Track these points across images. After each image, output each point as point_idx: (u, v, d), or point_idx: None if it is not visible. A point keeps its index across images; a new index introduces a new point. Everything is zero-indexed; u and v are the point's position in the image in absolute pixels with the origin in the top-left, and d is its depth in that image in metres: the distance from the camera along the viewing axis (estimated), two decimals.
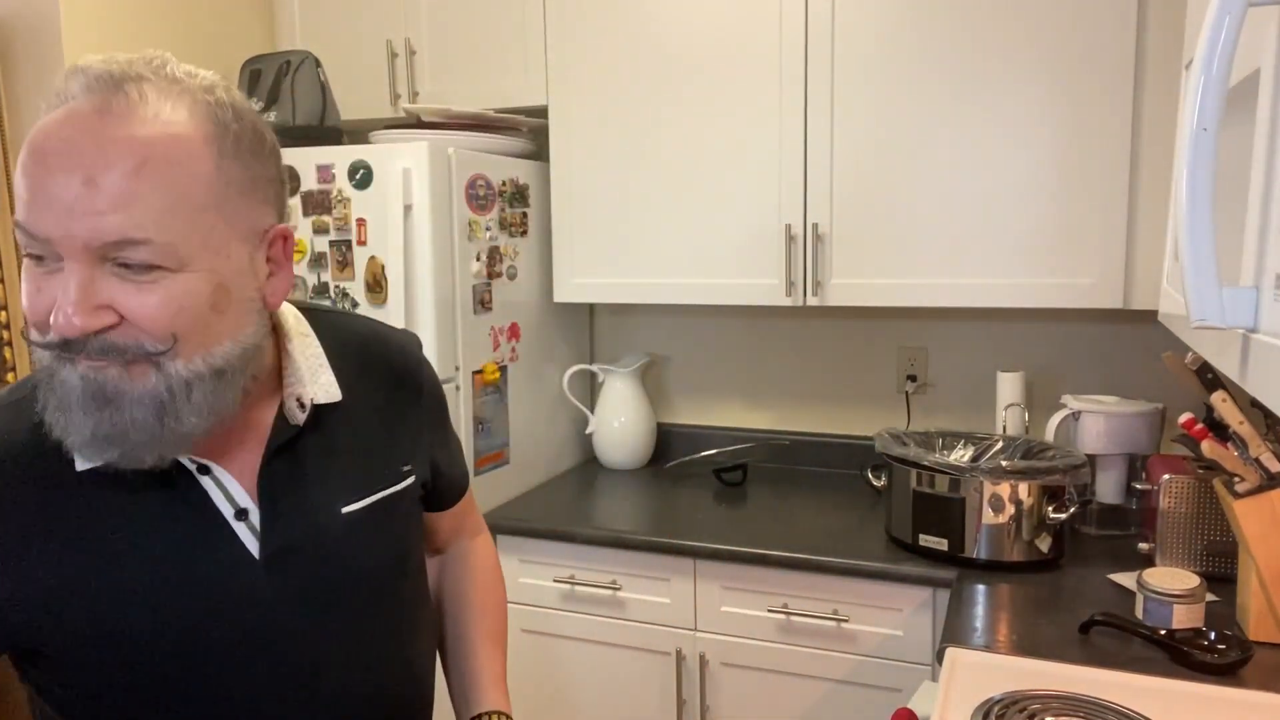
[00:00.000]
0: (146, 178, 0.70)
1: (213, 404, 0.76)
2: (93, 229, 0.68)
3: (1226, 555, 1.61)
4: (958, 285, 1.95)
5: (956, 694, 1.21)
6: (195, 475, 0.82)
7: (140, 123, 0.71)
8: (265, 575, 0.83)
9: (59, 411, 0.73)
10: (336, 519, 0.88)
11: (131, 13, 2.18)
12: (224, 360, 0.76)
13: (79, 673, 0.79)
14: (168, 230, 0.71)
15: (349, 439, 0.92)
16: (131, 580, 0.78)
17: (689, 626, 1.93)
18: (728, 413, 2.54)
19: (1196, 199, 0.58)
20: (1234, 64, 0.58)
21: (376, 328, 1.02)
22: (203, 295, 0.73)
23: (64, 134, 0.69)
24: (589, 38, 2.18)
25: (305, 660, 0.86)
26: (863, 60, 1.97)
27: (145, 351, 0.72)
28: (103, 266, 0.70)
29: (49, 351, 0.72)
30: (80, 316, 0.69)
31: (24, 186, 0.70)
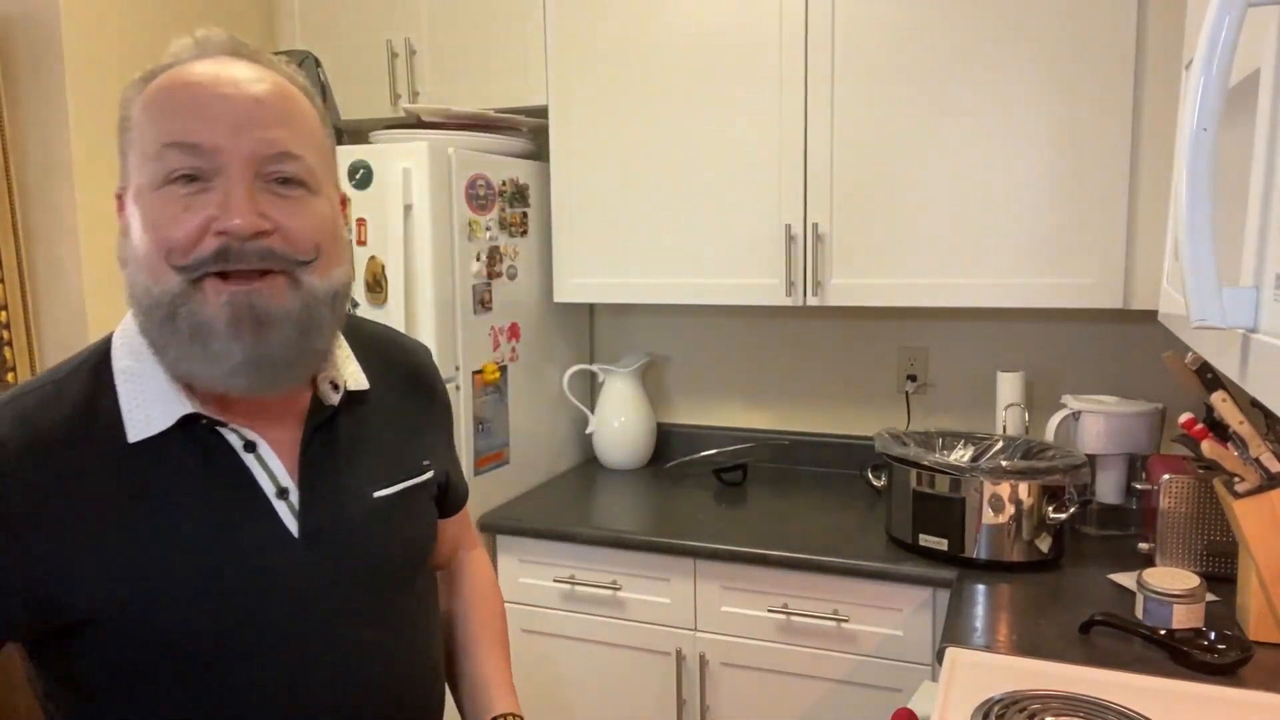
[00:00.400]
0: (293, 107, 0.81)
1: (332, 327, 0.84)
2: (262, 139, 0.77)
3: (1226, 555, 1.61)
4: (958, 285, 1.95)
5: (956, 694, 1.21)
6: (240, 453, 0.84)
7: (272, 73, 0.82)
8: (303, 554, 0.85)
9: (193, 343, 0.76)
10: (367, 503, 0.91)
11: (132, 12, 2.18)
12: (340, 284, 0.84)
13: (117, 648, 0.79)
14: (310, 153, 0.81)
15: (376, 428, 0.95)
16: (178, 552, 0.80)
17: (689, 626, 1.93)
18: (728, 413, 2.54)
19: (1196, 199, 0.58)
20: (1234, 64, 0.58)
21: (392, 333, 1.07)
22: (330, 219, 0.83)
23: (218, 66, 0.79)
24: (589, 38, 2.18)
25: (336, 640, 0.87)
26: (863, 60, 1.97)
27: (295, 260, 0.79)
28: (256, 182, 0.77)
29: (180, 281, 0.75)
30: (250, 215, 0.75)
31: (179, 109, 0.76)
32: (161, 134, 0.76)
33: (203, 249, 0.75)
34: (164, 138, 0.76)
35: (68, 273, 2.08)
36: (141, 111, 0.78)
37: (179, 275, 0.76)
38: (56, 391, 0.82)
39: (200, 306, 0.76)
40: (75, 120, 2.05)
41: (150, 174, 0.77)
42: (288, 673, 0.84)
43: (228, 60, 0.80)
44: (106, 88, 2.13)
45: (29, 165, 2.08)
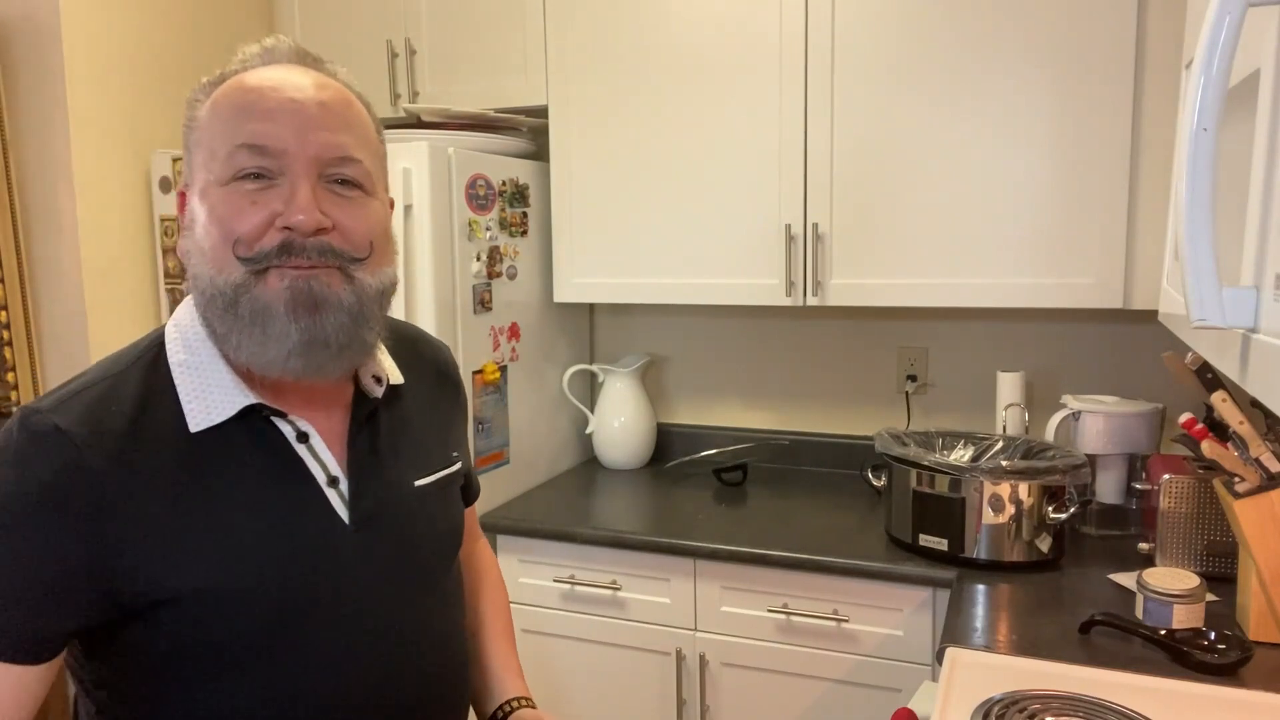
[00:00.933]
0: (353, 114, 0.86)
1: (380, 322, 0.88)
2: (326, 142, 0.82)
3: (1226, 555, 1.61)
4: (958, 285, 1.95)
5: (956, 694, 1.21)
6: (293, 443, 0.87)
7: (335, 81, 0.87)
8: (355, 541, 0.89)
9: (253, 326, 0.81)
10: (410, 491, 0.95)
11: (132, 13, 2.18)
12: (387, 283, 0.88)
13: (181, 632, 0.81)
14: (368, 157, 0.86)
15: (413, 420, 1.00)
16: (237, 538, 0.82)
17: (689, 626, 1.93)
18: (728, 413, 2.54)
19: (1196, 199, 0.58)
20: (1234, 64, 0.58)
21: (418, 330, 1.12)
22: (383, 220, 0.89)
23: (285, 73, 0.84)
24: (589, 37, 2.18)
25: (389, 624, 0.90)
26: (863, 60, 1.97)
27: (351, 257, 0.83)
28: (319, 183, 0.82)
29: (243, 272, 0.80)
30: (314, 212, 0.80)
31: (250, 111, 0.81)
32: (232, 135, 0.81)
33: (266, 242, 0.80)
34: (235, 139, 0.81)
35: (68, 273, 2.08)
36: (210, 113, 0.83)
37: (243, 266, 0.80)
38: (114, 386, 0.84)
39: (262, 292, 0.80)
40: (75, 121, 2.05)
41: (219, 172, 0.81)
42: (345, 655, 0.87)
43: (293, 68, 0.85)
44: (106, 88, 2.13)
45: (29, 165, 2.08)
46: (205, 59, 2.39)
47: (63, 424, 0.79)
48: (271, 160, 0.81)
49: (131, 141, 2.19)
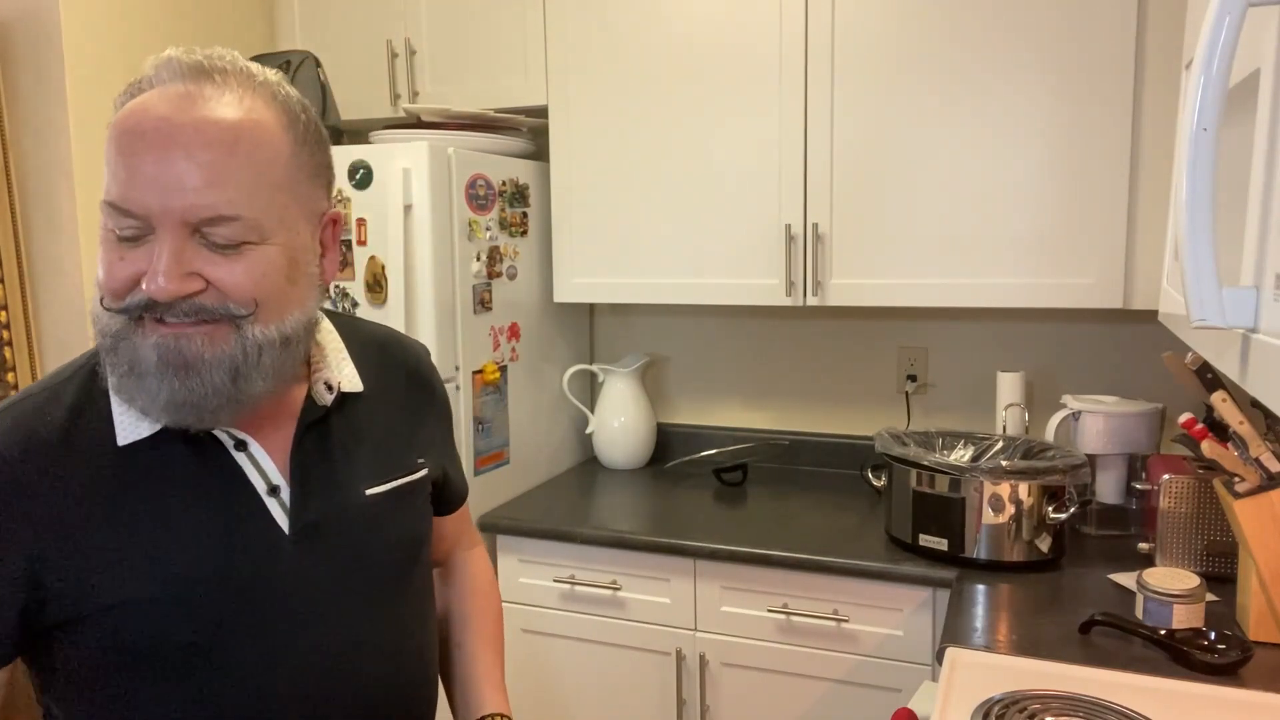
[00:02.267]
0: (238, 157, 0.77)
1: (278, 369, 0.82)
2: (190, 205, 0.75)
3: (1226, 555, 1.61)
4: (958, 285, 1.95)
5: (956, 694, 1.21)
6: (231, 451, 0.86)
7: (229, 107, 0.78)
8: (295, 551, 0.87)
9: (132, 377, 0.78)
10: (360, 499, 0.92)
11: (132, 13, 2.18)
12: (292, 329, 0.82)
13: (113, 643, 0.80)
14: (254, 207, 0.77)
15: (370, 427, 0.97)
16: (169, 550, 0.81)
17: (689, 626, 1.93)
18: (728, 413, 2.54)
19: (1196, 199, 0.58)
20: (1234, 64, 0.58)
21: (392, 332, 1.08)
22: (280, 267, 0.80)
23: (160, 114, 0.75)
24: (589, 38, 2.18)
25: (329, 638, 0.88)
26: (863, 60, 1.97)
27: (230, 314, 0.78)
28: (193, 238, 0.76)
29: (122, 318, 0.78)
30: (173, 282, 0.75)
31: (120, 165, 0.75)
32: (106, 190, 0.77)
33: (133, 298, 0.77)
34: (106, 195, 0.77)
35: (68, 273, 2.08)
36: (106, 145, 0.78)
37: (120, 315, 0.78)
38: (51, 397, 0.84)
39: (140, 342, 0.78)
40: (75, 120, 2.05)
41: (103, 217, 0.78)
42: (279, 668, 0.85)
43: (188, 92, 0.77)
44: (106, 88, 2.13)
45: (29, 165, 2.08)
46: None
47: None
48: (138, 221, 0.76)
49: None
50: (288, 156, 0.81)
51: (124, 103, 0.79)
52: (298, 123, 0.83)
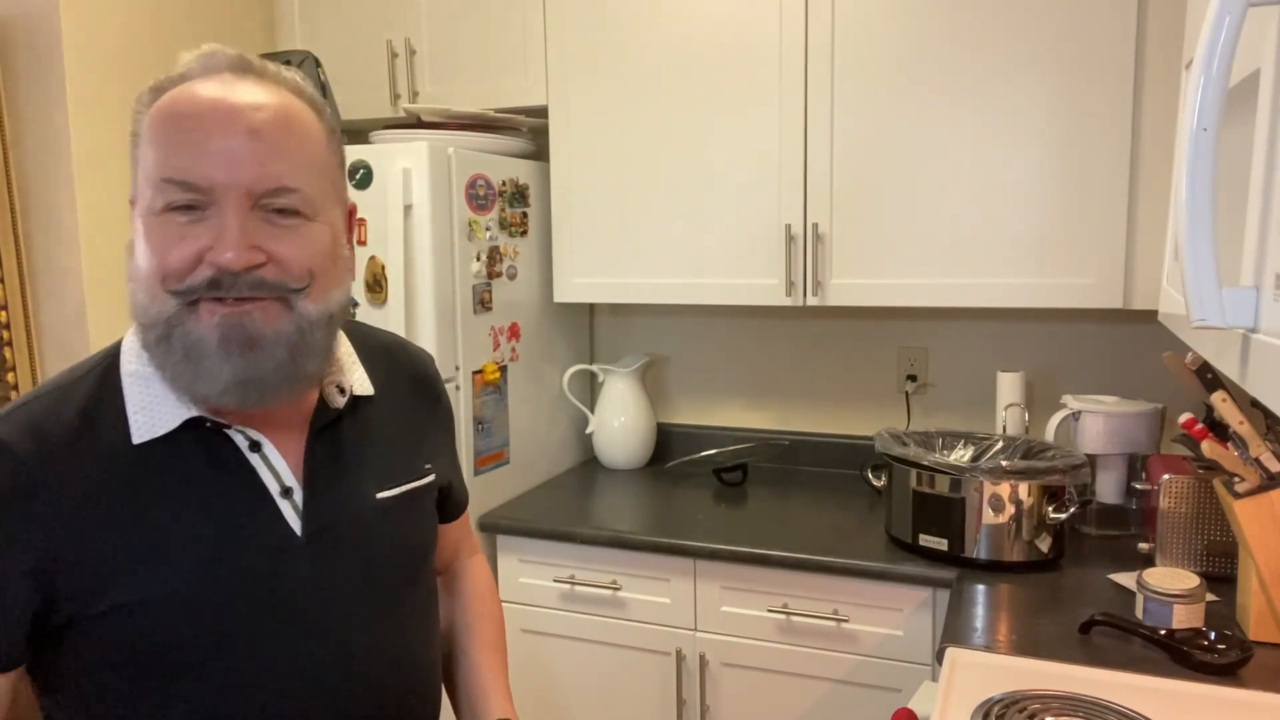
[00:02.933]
0: (291, 135, 0.81)
1: (325, 348, 0.85)
2: (257, 175, 0.78)
3: (1226, 555, 1.61)
4: (958, 285, 1.95)
5: (956, 694, 1.21)
6: (245, 452, 0.86)
7: (274, 94, 0.82)
8: (306, 553, 0.87)
9: (186, 361, 0.79)
10: (370, 503, 0.93)
11: (131, 13, 2.18)
12: (337, 306, 0.85)
13: (122, 642, 0.80)
14: (308, 182, 0.81)
15: (380, 431, 0.97)
16: (181, 550, 0.81)
17: (689, 626, 1.93)
18: (728, 413, 2.54)
19: (1196, 199, 0.58)
20: (1234, 64, 0.58)
21: (398, 339, 1.09)
22: (326, 244, 0.83)
23: (215, 95, 0.79)
24: (589, 38, 2.18)
25: (337, 637, 0.88)
26: (863, 60, 1.97)
27: (288, 289, 0.80)
28: (252, 213, 0.78)
29: (175, 304, 0.78)
30: (243, 250, 0.77)
31: (178, 143, 0.77)
32: (162, 167, 0.78)
33: (196, 277, 0.77)
34: (163, 172, 0.78)
35: (68, 273, 2.08)
36: (148, 130, 0.80)
37: (174, 299, 0.78)
38: (64, 396, 0.84)
39: (194, 327, 0.78)
40: (75, 120, 2.05)
41: (151, 199, 0.79)
42: (287, 668, 0.85)
43: (232, 80, 0.81)
44: (106, 88, 2.13)
45: (29, 165, 2.08)
46: None
47: (4, 436, 0.79)
48: (201, 194, 0.77)
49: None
50: (324, 143, 0.85)
51: (155, 96, 0.81)
52: (325, 114, 0.87)
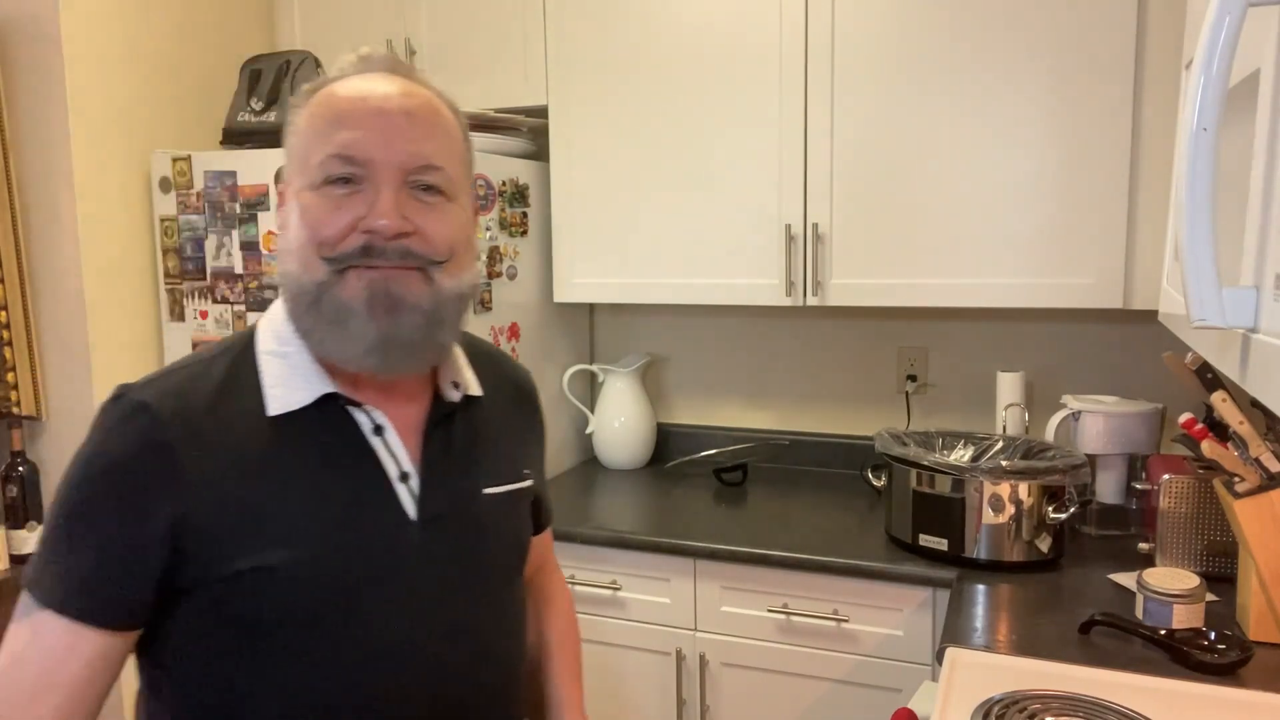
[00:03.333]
0: (440, 124, 0.89)
1: (455, 324, 0.91)
2: (411, 153, 0.85)
3: (1226, 555, 1.61)
4: (958, 285, 1.95)
5: (956, 694, 1.21)
6: (368, 435, 0.90)
7: (424, 90, 0.90)
8: (420, 537, 0.90)
9: (334, 324, 0.85)
10: (479, 497, 0.97)
11: (131, 13, 2.18)
12: (467, 287, 0.91)
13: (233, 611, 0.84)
14: (451, 165, 0.89)
15: (487, 432, 1.01)
16: (303, 520, 0.85)
17: (689, 626, 1.93)
18: (728, 413, 2.54)
19: (1196, 199, 0.58)
20: (1234, 64, 0.58)
21: (500, 350, 1.15)
22: (465, 224, 0.91)
23: (376, 88, 0.87)
24: (589, 38, 2.18)
25: (440, 621, 0.91)
26: (862, 60, 1.97)
27: (430, 260, 0.86)
28: (403, 189, 0.85)
29: (326, 271, 0.84)
30: (395, 217, 0.84)
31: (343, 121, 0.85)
32: (323, 143, 0.85)
33: (349, 244, 0.84)
34: (326, 147, 0.85)
35: (68, 273, 2.08)
36: (307, 120, 0.87)
37: (326, 266, 0.84)
38: (204, 369, 0.89)
39: (342, 291, 0.84)
40: (75, 120, 2.05)
41: (311, 176, 0.86)
42: (392, 644, 0.88)
43: (385, 77, 0.89)
44: (106, 88, 2.13)
45: (29, 165, 2.08)
46: (205, 59, 2.39)
47: (149, 400, 0.85)
48: (358, 167, 0.84)
49: (131, 141, 2.19)
50: (462, 139, 0.93)
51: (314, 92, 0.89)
52: (460, 117, 0.94)
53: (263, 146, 2.19)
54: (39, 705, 0.80)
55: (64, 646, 0.81)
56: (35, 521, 2.11)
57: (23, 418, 2.11)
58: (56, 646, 0.81)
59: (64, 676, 0.80)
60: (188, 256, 2.21)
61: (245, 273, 2.16)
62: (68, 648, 0.81)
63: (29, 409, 2.09)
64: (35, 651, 0.81)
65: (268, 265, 2.14)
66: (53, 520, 0.84)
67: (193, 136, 2.36)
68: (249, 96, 2.23)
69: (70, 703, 0.81)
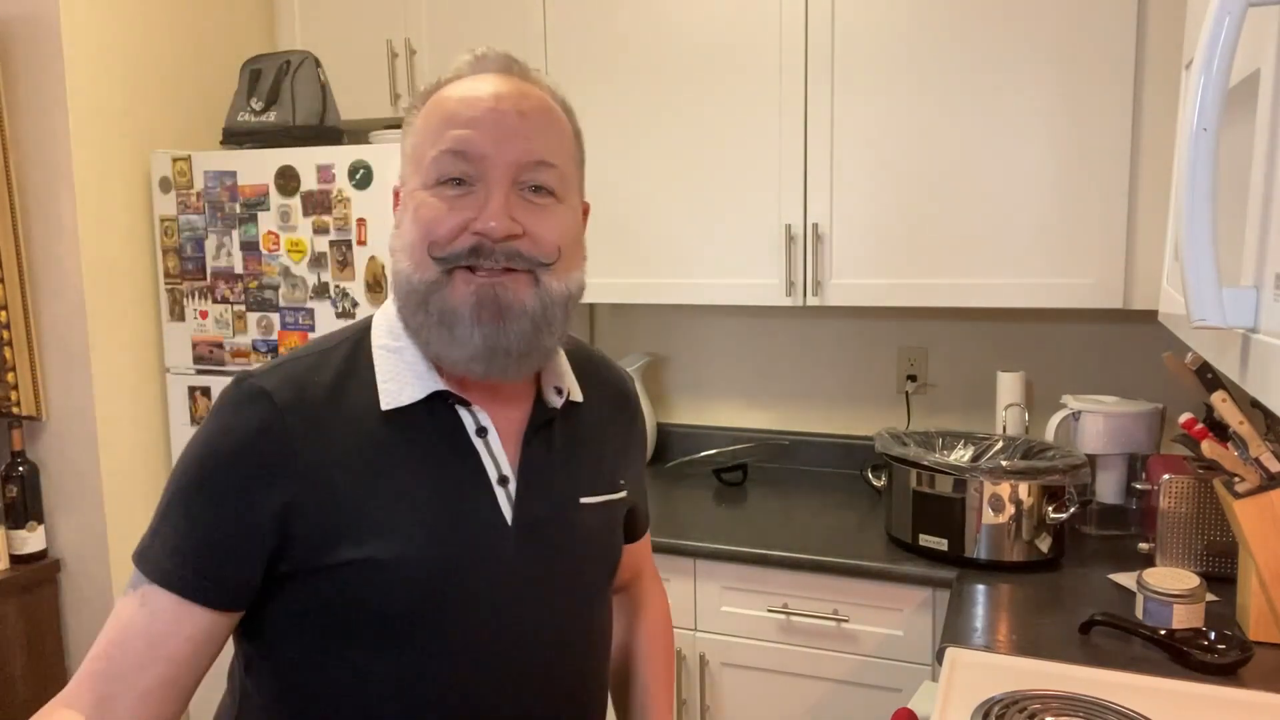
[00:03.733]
0: (553, 123, 0.89)
1: (562, 327, 0.90)
2: (524, 149, 0.85)
3: (1226, 555, 1.61)
4: (957, 285, 1.95)
5: (956, 694, 1.21)
6: (472, 436, 0.90)
7: (537, 89, 0.90)
8: (515, 541, 0.90)
9: (441, 326, 0.85)
10: (575, 506, 0.96)
11: (132, 13, 2.18)
12: (576, 288, 0.90)
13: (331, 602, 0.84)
14: (563, 162, 0.88)
15: (586, 439, 1.00)
16: (410, 517, 0.86)
17: (689, 627, 1.93)
18: (728, 413, 2.54)
19: (1196, 199, 0.58)
20: (1234, 64, 0.58)
21: (602, 354, 1.13)
22: (573, 224, 0.90)
23: (491, 87, 0.87)
24: (589, 39, 2.18)
25: (530, 627, 0.91)
26: (863, 60, 1.97)
27: (538, 262, 0.85)
28: (512, 190, 0.85)
29: (436, 272, 0.84)
30: (504, 219, 0.83)
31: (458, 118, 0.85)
32: (436, 141, 0.85)
33: (459, 244, 0.84)
34: (439, 144, 0.85)
35: (68, 273, 2.08)
36: (423, 120, 0.88)
37: (436, 266, 0.84)
38: (322, 359, 0.91)
39: (450, 294, 0.84)
40: (75, 120, 2.05)
41: (424, 176, 0.86)
42: (483, 647, 0.88)
43: (499, 76, 0.88)
44: (107, 88, 2.13)
45: (29, 165, 2.08)
46: (205, 59, 2.39)
47: (269, 387, 0.86)
48: (471, 165, 0.84)
49: (131, 141, 2.19)
50: (574, 139, 0.92)
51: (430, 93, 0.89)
52: (572, 117, 0.93)
53: (263, 146, 2.19)
54: (144, 675, 0.81)
55: (170, 620, 0.82)
56: (35, 521, 2.11)
57: (23, 418, 2.11)
58: (163, 620, 0.82)
59: (168, 650, 0.82)
60: (188, 256, 2.21)
61: (245, 272, 2.16)
62: (173, 622, 0.82)
63: (29, 409, 2.09)
64: (142, 622, 0.82)
65: (267, 265, 2.14)
66: (167, 496, 0.85)
67: (193, 136, 2.36)
68: (249, 96, 2.23)
69: (174, 674, 0.83)
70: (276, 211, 2.11)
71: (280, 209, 2.11)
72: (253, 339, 2.17)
